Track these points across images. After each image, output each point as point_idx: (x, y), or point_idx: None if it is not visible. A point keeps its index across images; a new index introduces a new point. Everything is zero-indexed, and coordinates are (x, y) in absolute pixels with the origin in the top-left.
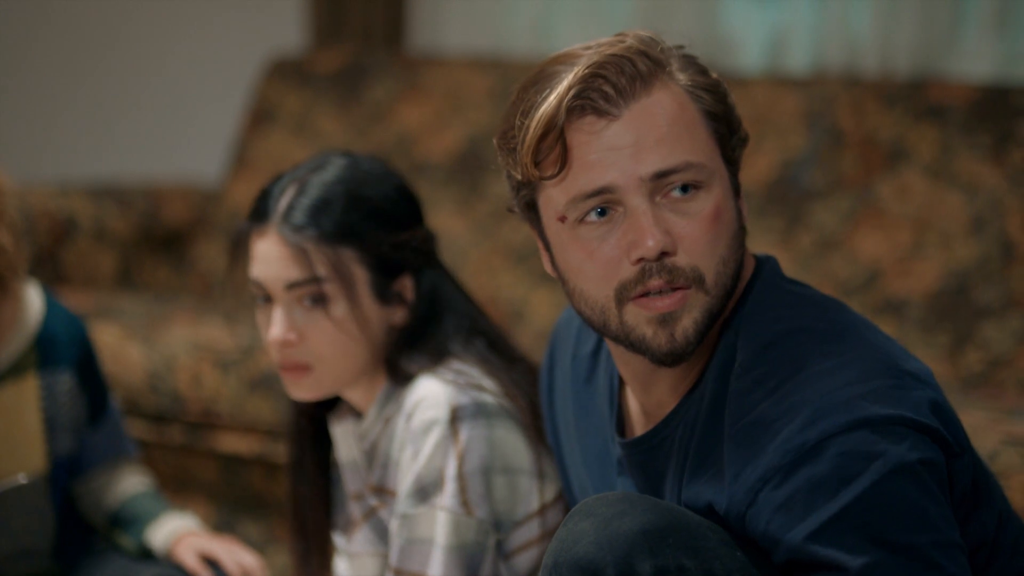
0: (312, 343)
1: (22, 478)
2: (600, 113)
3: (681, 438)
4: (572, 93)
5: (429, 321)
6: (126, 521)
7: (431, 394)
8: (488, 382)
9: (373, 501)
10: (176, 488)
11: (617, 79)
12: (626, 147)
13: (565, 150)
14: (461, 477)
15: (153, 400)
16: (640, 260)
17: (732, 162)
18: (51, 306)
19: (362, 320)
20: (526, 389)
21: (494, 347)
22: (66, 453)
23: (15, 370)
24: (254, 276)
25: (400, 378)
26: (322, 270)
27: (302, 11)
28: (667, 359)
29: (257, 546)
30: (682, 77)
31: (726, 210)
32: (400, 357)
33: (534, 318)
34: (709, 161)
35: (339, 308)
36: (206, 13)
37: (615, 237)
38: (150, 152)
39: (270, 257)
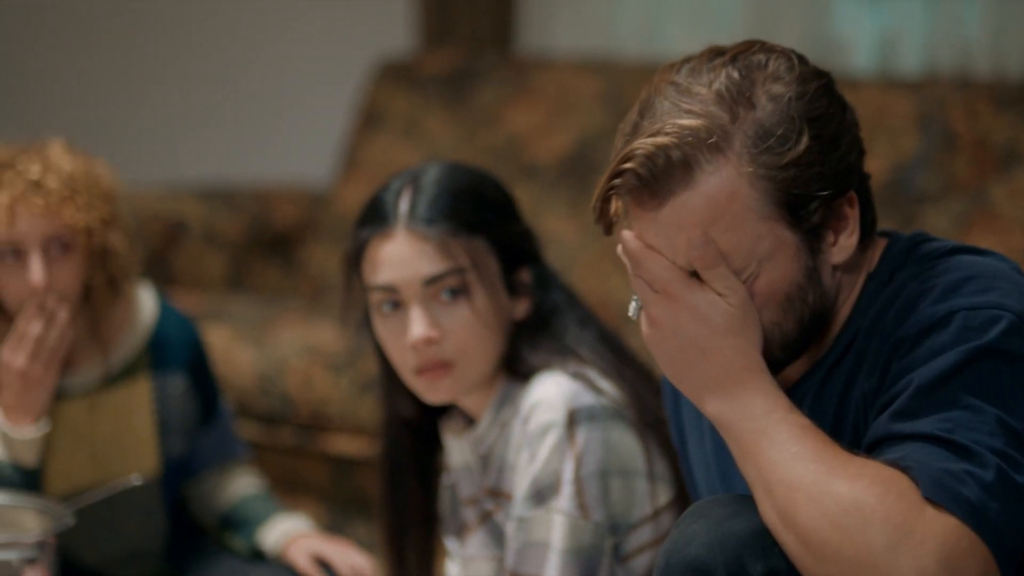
0: (454, 338)
1: (136, 479)
2: (642, 206)
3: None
4: (610, 180)
5: (548, 314)
6: (237, 523)
7: (548, 397)
8: (605, 384)
9: (488, 505)
10: (286, 490)
11: (647, 173)
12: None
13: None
14: (578, 480)
15: (264, 402)
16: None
17: (809, 221)
18: (164, 308)
19: (500, 310)
20: (641, 391)
21: (605, 343)
22: (178, 455)
23: (128, 372)
24: (381, 282)
25: (521, 374)
26: (463, 260)
27: (411, 14)
28: None
29: (367, 548)
30: (746, 162)
31: (780, 275)
32: (522, 351)
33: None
34: (760, 245)
35: (480, 298)
36: (315, 16)
37: None
38: (259, 155)
39: (402, 257)
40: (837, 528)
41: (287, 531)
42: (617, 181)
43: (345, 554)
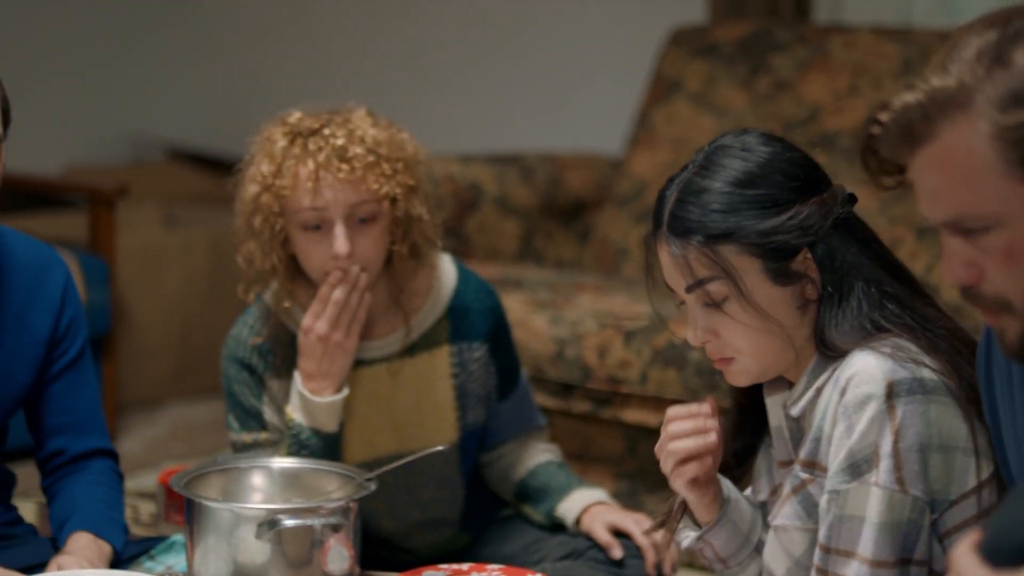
0: (726, 338)
1: (440, 447)
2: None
3: None
4: (867, 133)
5: (840, 290)
6: (534, 493)
7: (865, 368)
8: (925, 357)
9: (804, 475)
10: (578, 458)
11: (893, 127)
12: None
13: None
14: (897, 454)
15: (559, 370)
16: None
17: None
18: (464, 277)
19: (761, 309)
20: (958, 363)
21: (911, 311)
22: (475, 423)
23: (429, 341)
24: (663, 280)
25: (831, 353)
26: (703, 272)
27: None
28: None
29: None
30: (986, 121)
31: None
32: (826, 330)
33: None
34: (999, 204)
35: (732, 304)
36: None
37: None
38: (552, 127)
39: (666, 265)
40: None
41: (583, 501)
42: (871, 131)
43: (641, 525)
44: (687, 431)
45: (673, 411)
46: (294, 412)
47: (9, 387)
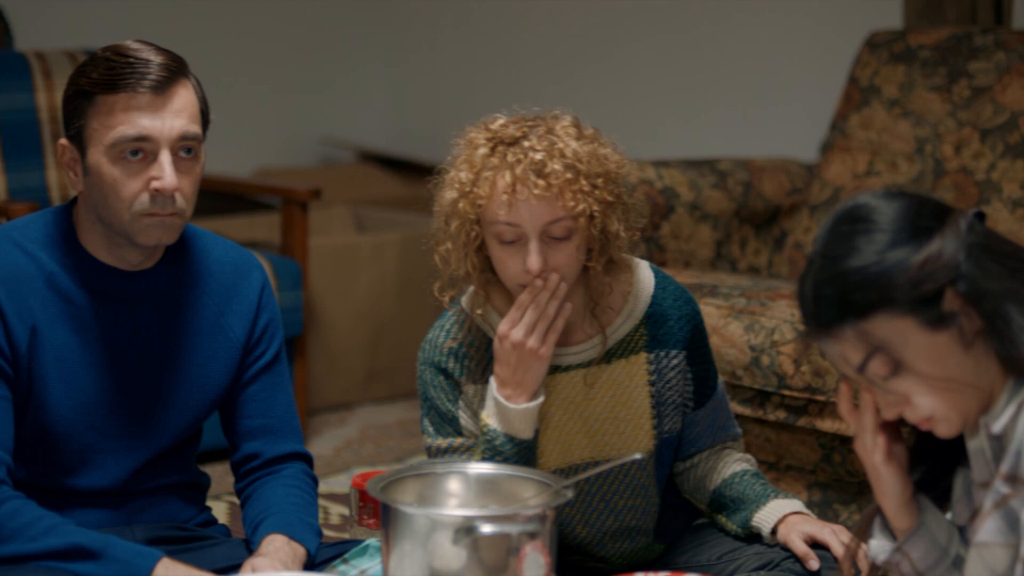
0: (917, 403)
1: (637, 455)
2: None
3: None
4: None
5: (999, 312)
6: (729, 502)
7: None
8: None
9: (1005, 489)
10: (772, 467)
11: None
12: None
13: None
14: None
15: (754, 377)
16: None
17: None
18: (662, 283)
19: (934, 359)
20: None
21: None
22: (671, 432)
23: (626, 347)
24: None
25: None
26: (864, 353)
27: None
28: None
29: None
30: None
31: None
32: (1009, 354)
33: None
34: None
35: (906, 369)
36: None
37: None
38: (747, 131)
39: (829, 357)
40: None
41: (780, 511)
42: None
43: (838, 536)
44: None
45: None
46: (489, 418)
47: (205, 390)
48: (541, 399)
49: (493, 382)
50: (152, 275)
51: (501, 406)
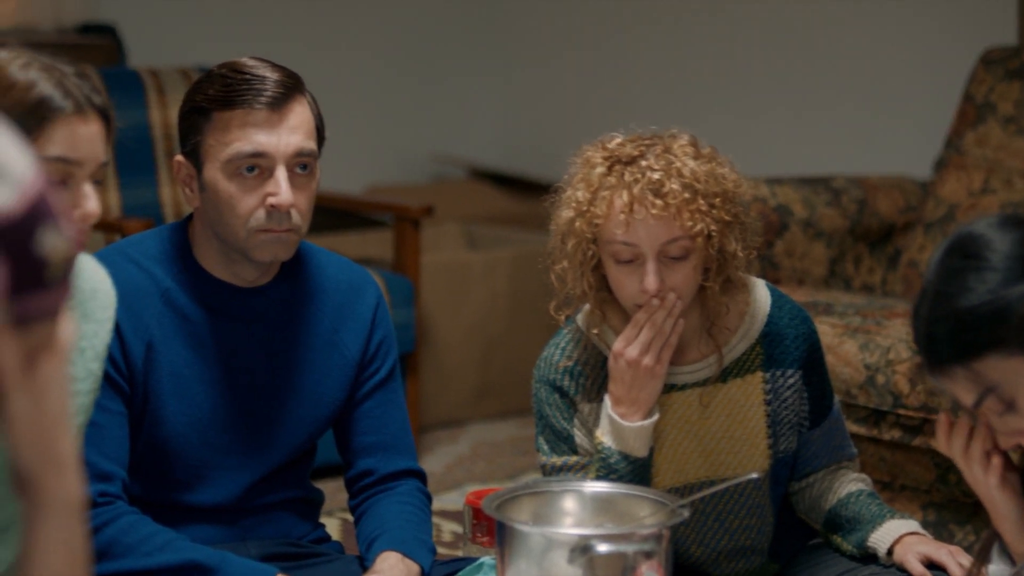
0: None
1: (752, 475)
2: None
3: None
4: None
5: None
6: (845, 522)
7: None
8: None
9: None
10: (887, 487)
11: None
12: None
13: None
14: None
15: (870, 396)
16: None
17: None
18: (778, 302)
19: None
20: None
21: None
22: (787, 451)
23: (742, 366)
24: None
25: None
26: (977, 392)
27: (1016, 5)
28: None
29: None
30: None
31: None
32: None
33: None
34: None
35: (1020, 408)
36: (920, 10)
37: None
38: (861, 149)
39: (947, 390)
40: None
41: (896, 531)
42: None
43: (955, 557)
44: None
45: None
46: (603, 436)
47: (320, 407)
48: (656, 417)
49: (608, 400)
50: (267, 291)
51: (616, 424)
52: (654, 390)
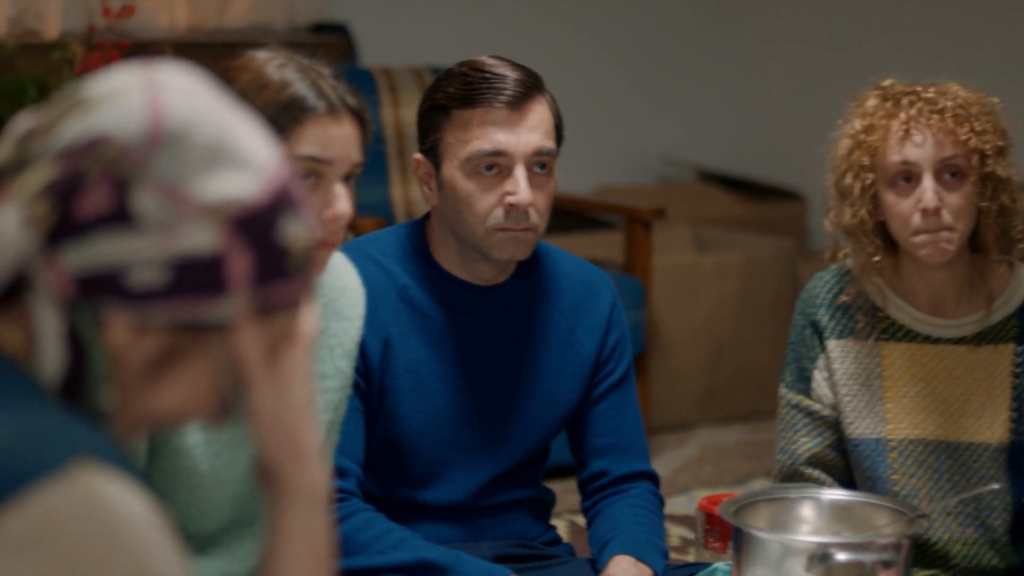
0: None
1: (996, 485)
2: None
3: None
4: None
5: None
6: None
7: None
8: None
9: None
10: None
11: None
12: None
13: None
14: None
15: None
16: None
17: None
18: None
19: None
20: None
21: None
22: None
23: (997, 334)
24: None
25: None
26: None
27: None
28: None
29: None
30: None
31: None
32: None
33: None
34: None
35: None
36: None
37: None
38: None
39: None
40: None
41: None
42: None
43: None
44: None
45: None
46: None
47: (555, 406)
48: None
49: None
50: (504, 290)
51: None
52: None
